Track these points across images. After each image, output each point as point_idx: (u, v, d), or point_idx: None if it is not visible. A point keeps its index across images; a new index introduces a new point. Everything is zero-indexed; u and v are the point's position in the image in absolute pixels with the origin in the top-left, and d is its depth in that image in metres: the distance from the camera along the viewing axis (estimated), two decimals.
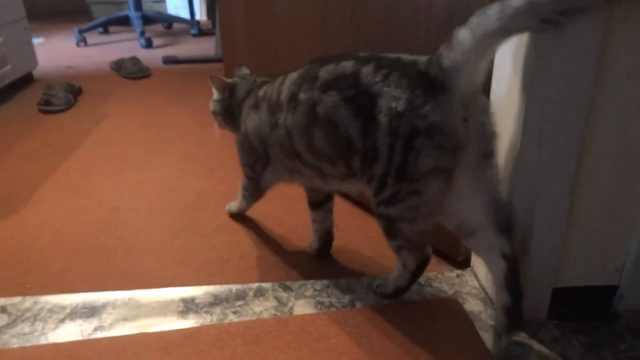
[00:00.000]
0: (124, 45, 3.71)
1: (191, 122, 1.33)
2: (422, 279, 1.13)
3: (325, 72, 0.92)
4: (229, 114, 1.23)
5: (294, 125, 0.98)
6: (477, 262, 1.13)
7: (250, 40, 1.80)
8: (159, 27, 4.40)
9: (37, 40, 3.80)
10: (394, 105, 0.82)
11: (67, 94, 2.40)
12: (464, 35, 0.76)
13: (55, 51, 3.56)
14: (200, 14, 4.73)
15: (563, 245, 0.97)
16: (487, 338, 0.97)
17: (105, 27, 4.12)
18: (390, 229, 0.94)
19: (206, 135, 1.29)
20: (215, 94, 1.25)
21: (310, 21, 1.43)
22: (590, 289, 1.02)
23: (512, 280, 0.91)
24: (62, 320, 1.02)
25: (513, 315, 0.93)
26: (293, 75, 1.01)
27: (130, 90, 2.62)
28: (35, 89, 2.61)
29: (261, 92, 1.12)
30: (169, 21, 4.34)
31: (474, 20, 0.75)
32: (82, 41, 3.72)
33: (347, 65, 0.89)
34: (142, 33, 3.64)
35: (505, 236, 0.90)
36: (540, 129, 0.88)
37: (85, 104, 2.41)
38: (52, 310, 1.05)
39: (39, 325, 1.01)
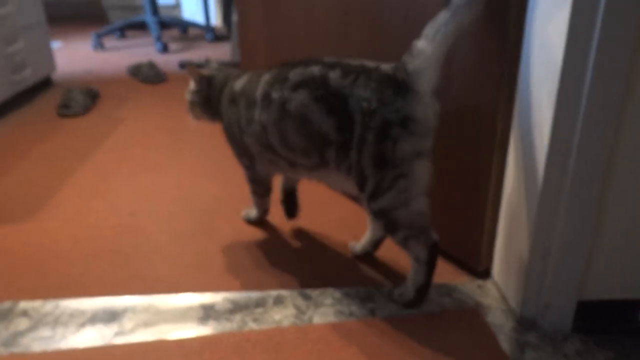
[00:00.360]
0: (140, 50, 3.74)
1: (207, 127, 1.33)
2: (442, 290, 1.12)
3: (294, 74, 1.01)
4: (207, 104, 1.27)
5: (268, 121, 1.06)
6: (498, 272, 1.12)
7: (268, 47, 1.81)
8: (174, 32, 4.44)
9: (55, 45, 3.84)
10: (365, 105, 0.92)
11: (85, 98, 2.42)
12: (422, 46, 0.90)
13: (73, 55, 3.60)
14: (216, 20, 4.76)
15: (588, 258, 0.95)
16: (510, 351, 0.95)
17: (122, 31, 4.16)
18: (390, 223, 0.99)
19: (222, 140, 1.28)
20: (193, 85, 1.28)
21: (330, 30, 1.42)
22: (615, 302, 1.01)
23: (433, 261, 1.02)
24: (82, 325, 1.02)
25: (423, 292, 1.05)
26: (266, 77, 1.08)
27: (147, 95, 2.64)
28: (54, 93, 2.64)
29: (237, 87, 1.17)
30: (185, 26, 4.37)
31: (429, 31, 0.89)
32: (100, 45, 3.76)
33: (315, 69, 0.99)
34: (159, 38, 3.66)
35: (426, 215, 1.00)
36: (567, 140, 0.87)
37: (103, 108, 2.43)
38: (72, 315, 1.05)
39: (59, 330, 1.01)
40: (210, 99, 1.26)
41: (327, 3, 1.41)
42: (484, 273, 1.16)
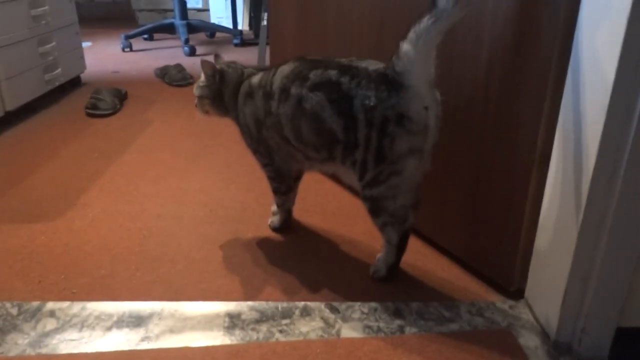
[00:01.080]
0: (168, 52, 3.78)
1: (233, 132, 1.32)
2: (473, 309, 1.09)
3: (315, 76, 1.06)
4: (217, 98, 1.28)
5: (283, 115, 1.11)
6: (532, 293, 1.09)
7: (299, 50, 1.80)
8: (202, 35, 4.46)
9: (84, 45, 3.89)
10: (366, 102, 0.99)
11: (114, 98, 2.45)
12: (406, 48, 0.95)
13: (102, 55, 3.65)
14: (243, 24, 4.79)
15: (631, 283, 0.92)
16: None
17: (150, 33, 4.20)
18: (376, 208, 1.09)
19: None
20: (204, 79, 1.28)
21: (364, 39, 1.41)
22: None
23: (403, 246, 1.15)
24: (109, 329, 1.02)
25: (393, 270, 1.17)
26: (285, 70, 1.12)
27: (174, 97, 2.65)
28: (83, 93, 2.67)
29: (255, 81, 1.20)
30: (213, 30, 4.40)
31: (412, 35, 0.94)
32: (128, 47, 3.80)
33: (332, 74, 1.04)
34: (187, 41, 3.69)
35: (414, 210, 1.13)
36: (615, 160, 0.84)
37: (131, 109, 2.45)
38: (99, 318, 1.05)
39: (86, 332, 1.01)
40: (221, 93, 1.28)
41: (363, 12, 1.39)
42: (517, 293, 1.13)
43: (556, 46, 0.92)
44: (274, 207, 1.39)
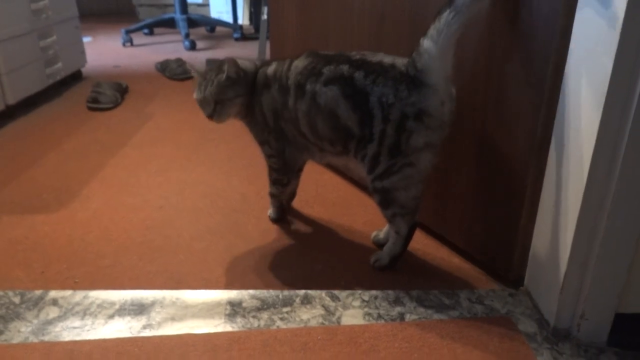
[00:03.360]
0: (168, 47, 3.78)
1: (234, 125, 1.32)
2: (473, 297, 1.10)
3: (328, 71, 1.07)
4: (245, 96, 1.21)
5: (300, 111, 1.11)
6: (532, 281, 1.09)
7: (299, 45, 1.80)
8: (202, 30, 4.46)
9: (85, 39, 3.89)
10: (384, 99, 1.00)
11: (115, 92, 2.45)
12: (427, 45, 0.96)
13: (103, 50, 3.65)
14: (243, 19, 4.78)
15: (629, 269, 0.92)
16: None
17: (150, 28, 4.20)
18: (386, 200, 1.10)
19: (249, 138, 1.28)
20: (225, 79, 1.16)
21: (365, 31, 1.41)
22: None
23: (410, 236, 1.16)
24: (111, 316, 1.03)
25: (396, 260, 1.18)
26: (299, 66, 1.12)
27: (174, 91, 2.66)
28: (84, 87, 2.67)
29: (270, 72, 1.19)
30: (213, 25, 4.40)
31: (432, 32, 0.95)
32: (129, 41, 3.80)
33: (344, 68, 1.05)
34: (187, 35, 3.69)
35: (421, 201, 1.13)
36: (614, 147, 0.85)
37: (132, 103, 2.45)
38: (101, 306, 1.06)
39: (88, 320, 1.02)
40: (248, 90, 1.21)
41: (364, 3, 1.40)
42: (516, 282, 1.13)
43: (556, 32, 0.92)
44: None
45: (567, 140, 0.93)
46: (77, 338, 0.97)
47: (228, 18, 4.64)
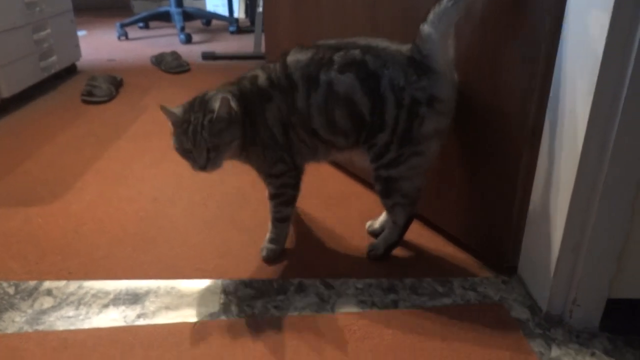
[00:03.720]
0: (163, 40, 3.76)
1: None
2: (466, 284, 1.10)
3: (339, 57, 1.03)
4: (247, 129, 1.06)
5: (314, 105, 1.04)
6: (524, 268, 1.10)
7: (294, 36, 1.80)
8: (198, 23, 4.45)
9: (80, 33, 3.87)
10: (395, 83, 0.99)
11: (109, 85, 2.44)
12: (428, 31, 0.97)
13: (98, 44, 3.63)
14: (239, 12, 4.77)
15: (621, 255, 0.93)
16: (535, 347, 0.93)
17: (146, 22, 4.19)
18: (389, 189, 1.09)
19: None
20: (216, 119, 1.00)
21: (359, 17, 1.41)
22: None
23: (407, 226, 1.16)
24: (105, 306, 1.03)
25: (391, 249, 1.18)
26: (299, 59, 1.05)
27: (170, 84, 2.65)
28: (79, 80, 2.66)
29: (262, 82, 1.07)
30: (208, 18, 4.38)
31: (433, 17, 0.96)
32: (124, 35, 3.78)
33: (356, 53, 1.02)
34: (182, 29, 3.68)
35: (421, 191, 1.12)
36: (604, 134, 0.85)
37: (127, 96, 2.45)
38: (96, 296, 1.06)
39: (83, 310, 1.02)
40: (251, 116, 1.07)
41: None
42: (510, 269, 1.14)
43: (547, 20, 0.92)
44: (271, 235, 1.20)
45: (560, 126, 0.93)
46: (72, 327, 0.97)
47: (224, 11, 4.62)
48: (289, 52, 1.08)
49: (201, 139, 1.00)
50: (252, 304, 1.04)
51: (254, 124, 1.07)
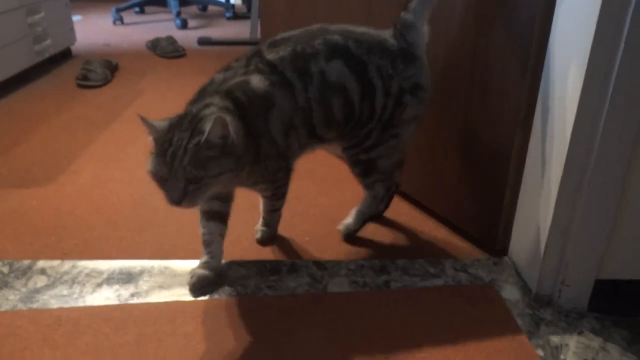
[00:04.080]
0: (159, 26, 3.74)
1: None
2: (458, 265, 1.11)
3: (321, 46, 0.98)
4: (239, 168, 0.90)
5: (313, 99, 0.98)
6: (515, 250, 1.11)
7: (290, 22, 1.79)
8: (194, 9, 4.42)
9: (75, 18, 3.84)
10: (383, 70, 0.98)
11: (105, 70, 2.43)
12: (411, 19, 0.99)
13: (93, 29, 3.61)
14: None
15: (609, 236, 0.94)
16: (525, 326, 0.95)
17: (141, 7, 4.15)
18: (368, 169, 1.09)
19: None
20: (204, 144, 0.82)
21: (353, 7, 1.40)
22: (634, 282, 0.99)
23: (390, 199, 1.21)
24: (99, 285, 1.04)
25: (366, 222, 1.20)
26: (283, 56, 0.96)
27: (165, 69, 2.64)
28: (73, 64, 2.65)
29: (258, 86, 0.94)
30: (205, 3, 4.35)
31: (415, 5, 0.99)
32: (119, 20, 3.76)
33: (337, 39, 0.99)
34: (178, 14, 3.65)
35: (399, 170, 1.16)
36: (594, 117, 0.86)
37: (122, 81, 2.44)
38: (89, 275, 1.06)
39: (76, 288, 1.02)
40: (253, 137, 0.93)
41: None
42: (501, 251, 1.15)
43: (539, 7, 0.92)
44: (264, 220, 1.19)
45: (551, 108, 0.94)
46: (66, 305, 0.98)
47: None
48: (261, 51, 0.98)
49: (179, 166, 0.80)
50: (245, 283, 1.05)
51: (256, 137, 0.94)
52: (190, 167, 0.81)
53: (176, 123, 0.86)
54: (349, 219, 1.19)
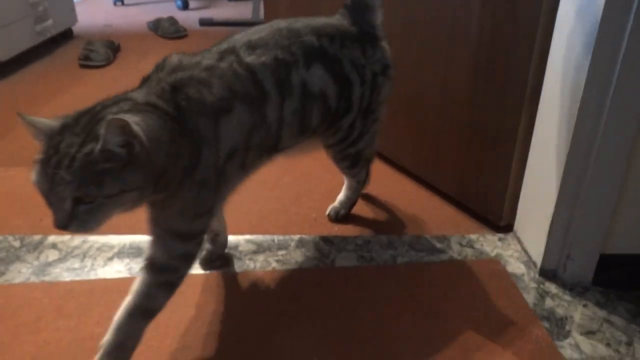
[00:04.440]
0: (160, 6, 3.71)
1: None
2: (463, 241, 1.12)
3: (299, 50, 0.88)
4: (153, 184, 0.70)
5: (288, 111, 0.87)
6: (521, 226, 1.12)
7: (292, 3, 1.78)
8: None
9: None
10: (357, 62, 0.95)
11: (107, 50, 2.42)
12: (371, 1, 0.98)
13: (94, 10, 3.59)
14: None
15: (615, 211, 0.95)
16: (530, 299, 0.96)
17: None
18: (357, 160, 1.08)
19: None
20: (99, 153, 0.63)
21: None
22: (638, 257, 1.01)
23: (369, 175, 1.22)
24: (110, 259, 1.05)
25: (353, 206, 1.21)
26: (254, 63, 0.83)
27: (167, 49, 2.61)
28: (75, 45, 2.64)
29: (209, 98, 0.78)
30: None
31: None
32: (120, 1, 3.73)
33: (312, 40, 0.90)
34: None
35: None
36: (602, 91, 0.86)
37: (124, 61, 2.43)
38: (100, 249, 1.08)
39: (88, 262, 1.04)
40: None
41: None
42: (506, 228, 1.16)
43: None
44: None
45: (558, 89, 0.94)
46: (77, 278, 0.99)
47: None
48: (236, 49, 0.85)
49: (63, 181, 0.62)
50: (254, 257, 1.06)
51: (197, 144, 0.75)
52: (77, 183, 0.62)
53: (70, 123, 0.67)
54: (338, 206, 1.19)
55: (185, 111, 0.74)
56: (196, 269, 1.02)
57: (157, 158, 0.69)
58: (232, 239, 1.11)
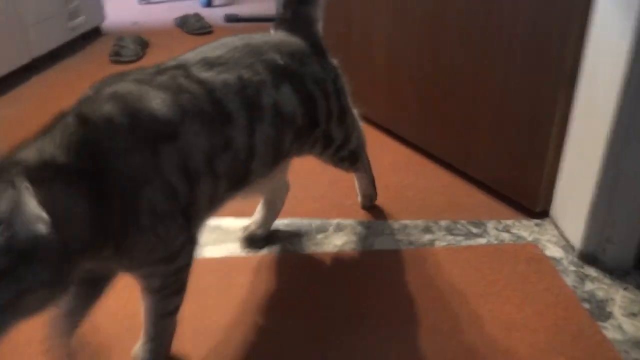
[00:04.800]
0: (184, 4, 3.75)
1: None
2: (500, 226, 1.13)
3: (264, 69, 0.82)
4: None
5: (260, 138, 0.79)
6: (558, 211, 1.12)
7: None
8: None
9: None
10: (318, 77, 0.92)
11: (137, 46, 2.47)
12: (315, 14, 0.97)
13: (120, 7, 3.64)
14: None
15: None
16: (569, 282, 0.97)
17: None
18: (355, 157, 1.09)
19: None
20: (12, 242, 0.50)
21: None
22: None
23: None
24: None
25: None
26: (223, 77, 0.77)
27: (194, 45, 2.65)
28: (105, 42, 2.69)
29: (162, 113, 0.68)
30: None
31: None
32: None
33: (275, 57, 0.85)
34: None
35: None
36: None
37: (154, 57, 2.47)
38: None
39: None
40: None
41: None
42: (542, 214, 1.16)
43: None
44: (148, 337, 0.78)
45: (597, 70, 0.94)
46: None
47: None
48: (186, 65, 0.78)
49: None
50: (293, 241, 1.08)
51: (133, 189, 0.64)
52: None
53: None
54: (367, 191, 1.19)
55: (103, 154, 0.61)
56: (237, 252, 1.05)
57: (69, 232, 0.56)
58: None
